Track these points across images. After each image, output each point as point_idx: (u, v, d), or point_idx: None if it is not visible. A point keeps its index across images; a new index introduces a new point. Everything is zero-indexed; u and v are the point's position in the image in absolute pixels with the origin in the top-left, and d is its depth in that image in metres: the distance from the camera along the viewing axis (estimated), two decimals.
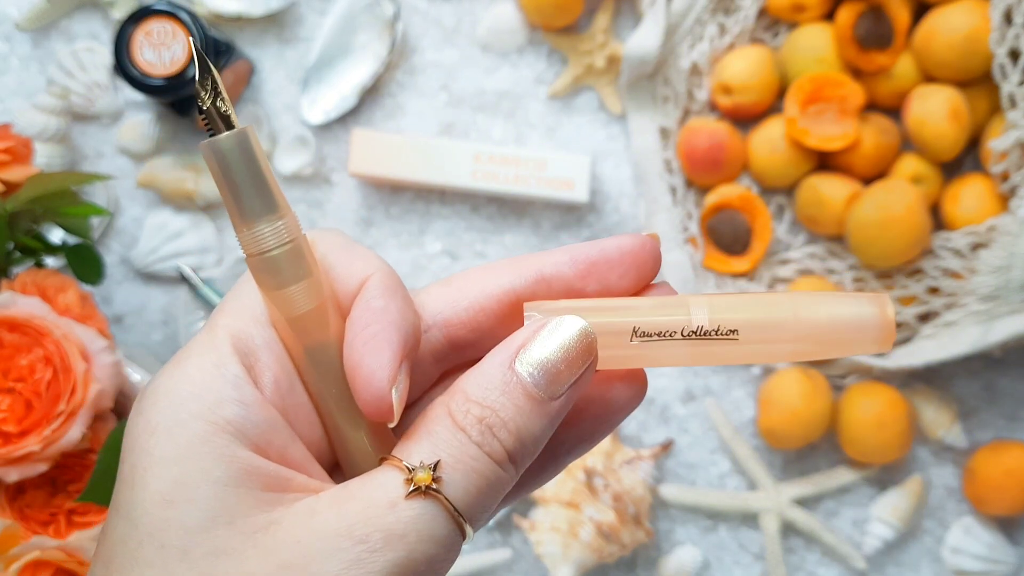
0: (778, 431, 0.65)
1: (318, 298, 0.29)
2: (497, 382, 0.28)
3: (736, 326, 0.29)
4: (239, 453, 0.27)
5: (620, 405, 0.31)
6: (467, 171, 0.67)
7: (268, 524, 0.26)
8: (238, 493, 0.27)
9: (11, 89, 0.72)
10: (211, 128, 0.28)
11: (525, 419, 0.28)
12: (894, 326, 0.30)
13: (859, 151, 0.64)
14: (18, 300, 0.54)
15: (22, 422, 0.53)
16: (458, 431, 0.27)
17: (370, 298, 0.29)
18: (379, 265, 0.30)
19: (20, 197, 0.56)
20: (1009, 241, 0.60)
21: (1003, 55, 0.61)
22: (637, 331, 0.29)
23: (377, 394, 0.27)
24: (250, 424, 0.27)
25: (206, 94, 0.27)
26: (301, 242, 0.29)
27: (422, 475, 0.26)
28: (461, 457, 0.27)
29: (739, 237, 0.69)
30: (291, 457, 0.29)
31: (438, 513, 0.26)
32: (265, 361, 0.29)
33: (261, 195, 0.28)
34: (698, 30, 0.67)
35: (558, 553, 0.65)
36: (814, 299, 0.30)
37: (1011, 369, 0.68)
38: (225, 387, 0.28)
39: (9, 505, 0.55)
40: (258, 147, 0.28)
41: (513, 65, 0.70)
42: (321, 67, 0.70)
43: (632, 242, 0.31)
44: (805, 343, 0.30)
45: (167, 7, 0.63)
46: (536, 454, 0.28)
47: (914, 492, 0.67)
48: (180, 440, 0.27)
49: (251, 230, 0.28)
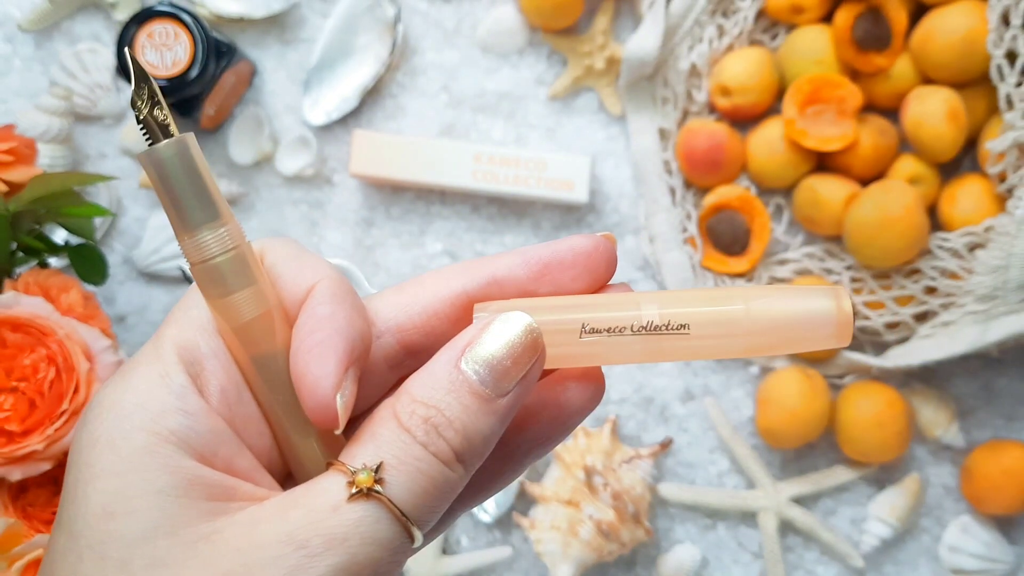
0: (776, 430, 0.65)
1: (263, 306, 0.28)
2: (443, 381, 0.27)
3: (686, 320, 0.29)
4: (183, 463, 0.27)
5: (577, 407, 0.31)
6: (467, 172, 0.67)
7: (210, 534, 0.26)
8: (181, 503, 0.26)
9: (14, 90, 0.72)
10: (149, 137, 0.28)
11: (472, 417, 0.27)
12: (852, 319, 0.29)
13: (857, 152, 0.65)
14: (21, 300, 0.54)
15: (25, 421, 0.53)
16: (403, 432, 0.27)
17: (316, 304, 0.28)
18: (327, 272, 0.29)
19: (23, 197, 0.56)
20: (1006, 241, 0.60)
21: (1000, 56, 0.61)
22: (586, 327, 0.29)
23: (322, 401, 0.27)
24: (195, 434, 0.27)
25: (142, 103, 0.27)
26: (244, 249, 0.28)
27: (363, 477, 0.26)
28: (405, 458, 0.27)
29: (738, 237, 0.70)
30: (238, 467, 0.28)
31: (381, 515, 0.26)
32: (211, 370, 0.29)
33: (202, 203, 0.28)
34: (697, 32, 0.68)
35: (558, 551, 0.65)
36: (767, 292, 0.29)
37: (1009, 369, 0.68)
38: (169, 397, 0.27)
39: (12, 504, 0.56)
40: (198, 155, 0.28)
41: (513, 66, 0.71)
42: (322, 68, 0.70)
43: (585, 243, 0.30)
44: (758, 337, 0.29)
45: (169, 9, 0.64)
46: (486, 454, 0.28)
47: (912, 491, 0.67)
48: (122, 452, 0.26)
49: (193, 238, 0.28)
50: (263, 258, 0.30)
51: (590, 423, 0.69)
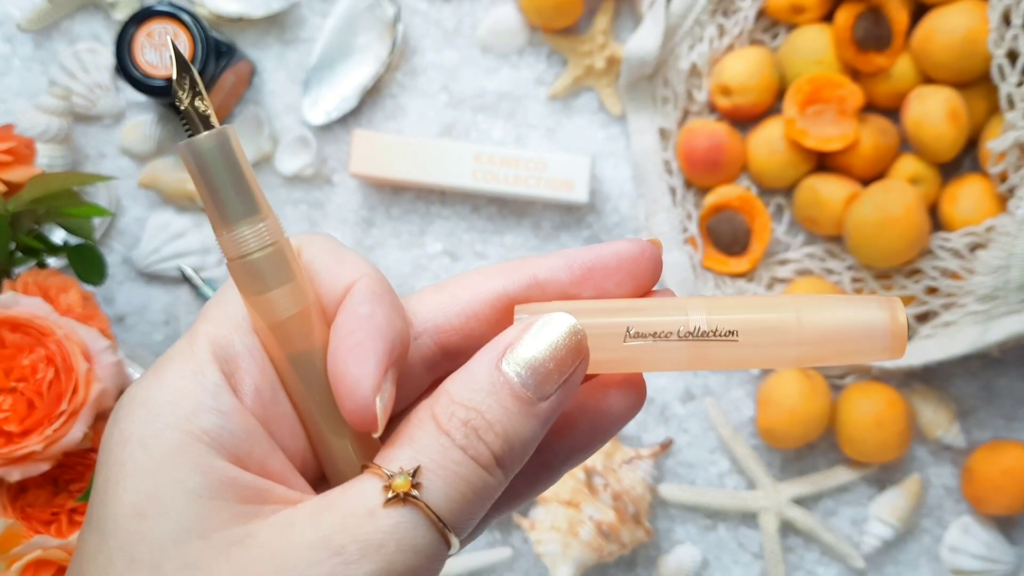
0: (777, 430, 0.65)
1: (301, 303, 0.28)
2: (483, 383, 0.27)
3: (735, 327, 0.28)
4: (216, 464, 0.26)
5: (617, 414, 0.30)
6: (467, 172, 0.67)
7: (243, 537, 0.25)
8: (214, 505, 0.26)
9: (13, 90, 0.72)
10: (190, 129, 0.27)
11: (513, 421, 0.27)
12: (906, 333, 0.28)
13: (858, 152, 0.65)
14: (20, 300, 0.54)
15: (24, 421, 0.53)
16: (441, 435, 0.26)
17: (356, 304, 0.28)
18: (367, 270, 0.29)
19: (22, 197, 0.56)
20: (1007, 241, 0.60)
21: (1001, 56, 0.61)
22: (631, 331, 0.28)
23: (361, 403, 0.26)
24: (228, 434, 0.27)
25: (184, 93, 0.27)
26: (283, 245, 0.28)
27: (400, 481, 0.25)
28: (444, 462, 0.26)
29: (738, 237, 0.70)
30: (271, 468, 0.28)
31: (419, 521, 0.25)
32: (246, 369, 0.28)
33: (242, 197, 0.27)
34: (697, 31, 0.68)
35: (558, 552, 0.65)
36: (819, 301, 0.29)
37: (1009, 369, 0.68)
38: (203, 396, 0.27)
39: (11, 504, 0.56)
40: (238, 147, 0.27)
41: (513, 66, 0.71)
42: (322, 68, 0.70)
43: (631, 248, 0.30)
44: (809, 347, 0.28)
45: (169, 8, 0.64)
46: (526, 458, 0.27)
47: (912, 491, 0.67)
48: (155, 451, 0.26)
49: (231, 233, 0.27)
50: (300, 254, 0.29)
51: None
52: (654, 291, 0.30)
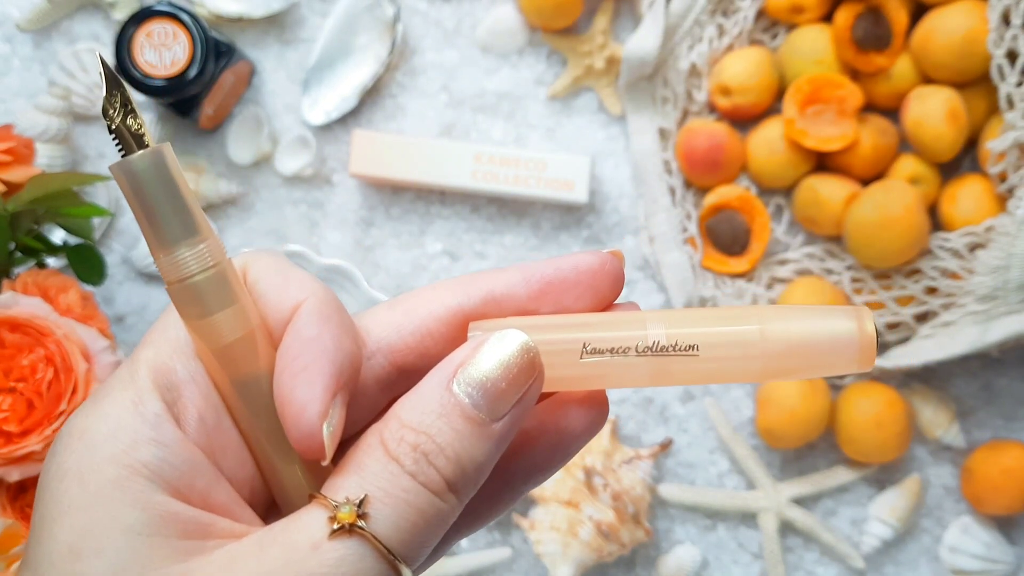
0: (777, 431, 0.65)
1: (245, 327, 0.27)
2: (433, 405, 0.26)
3: (696, 341, 0.27)
4: (155, 498, 0.25)
5: (578, 432, 0.29)
6: (467, 172, 0.67)
7: (183, 575, 0.24)
8: (152, 543, 0.24)
9: (13, 90, 0.72)
10: (123, 148, 0.26)
11: (465, 444, 0.25)
12: (875, 343, 0.27)
13: (857, 152, 0.65)
14: (20, 300, 0.54)
15: (23, 421, 0.53)
16: (390, 461, 0.25)
17: (302, 326, 0.27)
18: (314, 289, 0.28)
19: (22, 198, 0.56)
20: (1007, 241, 0.60)
21: (1001, 56, 0.61)
22: (587, 347, 0.27)
23: (307, 430, 0.25)
24: (168, 466, 0.25)
25: (115, 112, 0.26)
26: (225, 267, 0.27)
27: (346, 512, 0.24)
28: (392, 490, 0.25)
29: (738, 238, 0.70)
30: (215, 500, 0.26)
31: (366, 553, 0.24)
32: (189, 396, 0.27)
33: (180, 217, 0.26)
34: (697, 31, 0.68)
35: (558, 552, 0.65)
36: (783, 313, 0.28)
37: (1009, 369, 0.68)
38: (142, 427, 0.26)
39: (10, 504, 0.56)
40: (175, 166, 0.26)
41: (513, 66, 0.71)
42: (322, 68, 0.70)
43: (590, 260, 0.28)
44: (774, 361, 0.27)
45: (168, 8, 0.64)
46: (480, 481, 0.26)
47: (912, 491, 0.67)
48: (91, 486, 0.25)
49: (170, 255, 0.26)
50: (245, 274, 0.28)
51: None
52: (617, 304, 0.29)
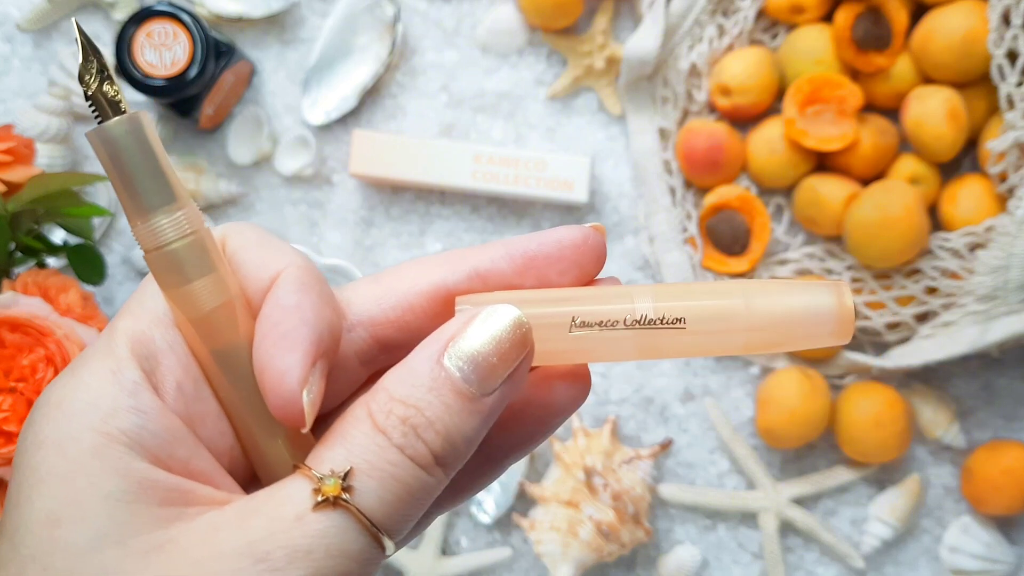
0: (777, 431, 0.65)
1: (224, 295, 0.27)
2: (424, 378, 0.25)
3: (682, 314, 0.27)
4: (134, 465, 0.25)
5: (561, 406, 0.29)
6: (467, 172, 0.67)
7: (164, 543, 0.24)
8: (132, 509, 0.24)
9: (13, 90, 0.72)
10: (99, 115, 0.26)
11: (455, 418, 0.25)
12: (853, 316, 0.28)
13: (857, 152, 0.65)
14: (20, 300, 0.54)
15: (24, 421, 0.53)
16: (377, 433, 0.25)
17: (281, 294, 0.27)
18: (294, 259, 0.28)
19: (22, 198, 0.56)
20: (1007, 241, 0.60)
21: (1001, 56, 0.61)
22: (576, 321, 0.27)
23: (287, 397, 0.25)
24: (148, 434, 0.25)
25: (91, 78, 0.25)
26: (203, 235, 0.27)
27: (330, 484, 0.24)
28: (378, 463, 0.25)
29: (738, 237, 0.70)
30: (196, 468, 0.26)
31: (349, 526, 0.24)
32: (167, 365, 0.27)
33: (157, 185, 0.26)
34: (697, 31, 0.68)
35: (558, 552, 0.65)
36: (766, 287, 0.28)
37: (1009, 369, 0.68)
38: (121, 395, 0.25)
39: None
40: (152, 133, 0.26)
41: (513, 66, 0.71)
42: (322, 68, 0.70)
43: (573, 235, 0.28)
44: (757, 333, 0.28)
45: (168, 8, 0.64)
46: (467, 456, 0.26)
47: (912, 491, 0.67)
48: (70, 454, 0.25)
49: (147, 223, 0.26)
50: (224, 245, 0.28)
51: (590, 423, 0.69)
52: (598, 279, 0.30)
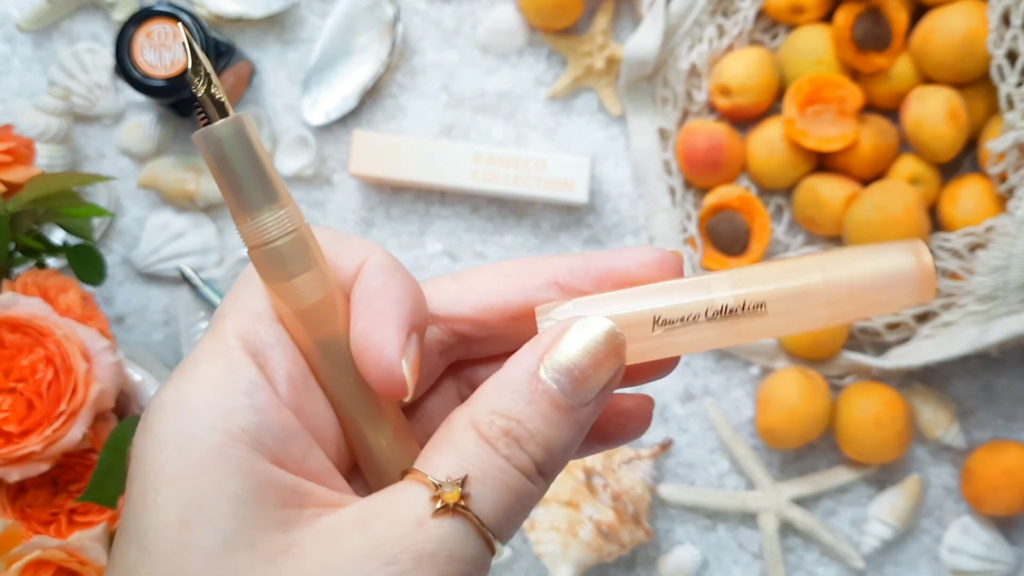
0: (777, 431, 0.65)
1: (325, 288, 0.28)
2: (523, 391, 0.26)
3: (763, 300, 0.28)
4: (257, 466, 0.25)
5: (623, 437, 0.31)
6: (467, 172, 0.67)
7: (289, 546, 0.25)
8: (256, 511, 0.25)
9: (13, 90, 0.72)
10: (205, 117, 0.26)
11: (553, 430, 0.26)
12: (935, 274, 0.28)
13: (857, 152, 0.65)
14: (20, 300, 0.54)
15: (23, 422, 0.53)
16: (484, 443, 0.26)
17: (369, 279, 0.28)
18: (374, 249, 0.29)
19: (22, 198, 0.56)
20: (1007, 242, 0.60)
21: (1001, 56, 0.61)
22: (658, 320, 0.27)
23: (387, 367, 0.26)
24: (267, 432, 0.26)
25: (200, 80, 0.26)
26: (304, 232, 0.27)
27: (450, 492, 0.25)
28: (489, 471, 0.26)
29: (738, 238, 0.70)
30: (309, 467, 0.27)
31: (468, 531, 0.25)
32: (277, 359, 0.27)
33: (261, 184, 0.27)
34: (697, 32, 0.68)
35: (557, 552, 0.65)
36: (843, 257, 0.28)
37: (1009, 369, 0.68)
38: (239, 394, 0.26)
39: (10, 505, 0.56)
40: (254, 134, 0.27)
41: (513, 66, 0.71)
42: (322, 68, 0.70)
43: (652, 256, 0.29)
44: (840, 305, 0.28)
45: (168, 9, 0.64)
46: (566, 464, 0.27)
47: (912, 492, 0.67)
48: (193, 455, 0.25)
49: (253, 220, 0.27)
50: None
51: None
52: None
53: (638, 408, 0.31)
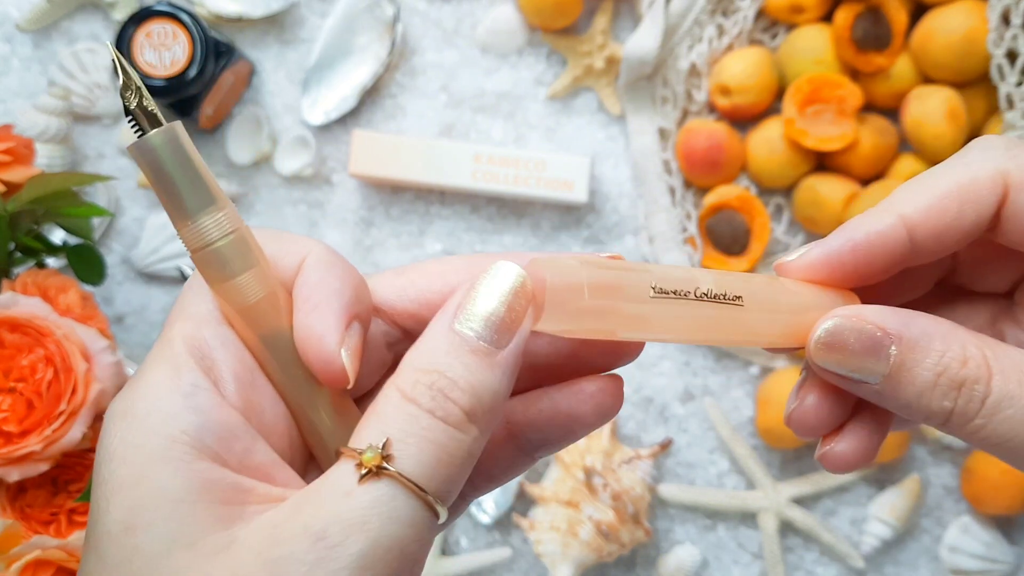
0: (776, 430, 0.65)
1: (267, 286, 0.28)
2: (441, 346, 0.27)
3: (739, 293, 0.30)
4: (196, 465, 0.26)
5: (591, 420, 0.31)
6: (467, 172, 0.67)
7: (229, 543, 0.25)
8: (196, 511, 0.25)
9: (12, 90, 0.72)
10: (138, 128, 0.27)
11: (476, 375, 0.27)
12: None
13: (857, 152, 0.65)
14: (19, 300, 0.54)
15: (23, 422, 0.53)
16: (407, 403, 0.26)
17: (309, 273, 0.29)
18: (313, 244, 0.30)
19: (21, 198, 0.56)
20: None
21: (1001, 56, 0.61)
22: (655, 287, 0.29)
23: (327, 358, 0.27)
24: (207, 432, 0.26)
25: (131, 93, 0.27)
26: (244, 232, 0.28)
27: (370, 456, 0.25)
28: (412, 429, 0.26)
29: (738, 237, 0.70)
30: (253, 461, 0.27)
31: (397, 492, 0.25)
32: (222, 359, 0.28)
33: (198, 189, 0.28)
34: (697, 31, 0.68)
35: (557, 552, 0.65)
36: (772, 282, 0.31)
37: None
38: (178, 396, 0.27)
39: (10, 504, 0.56)
40: (188, 142, 0.28)
41: (512, 66, 0.71)
42: (321, 68, 0.70)
43: None
44: (796, 315, 0.31)
45: (168, 8, 0.64)
46: (497, 411, 0.27)
47: (912, 491, 0.67)
48: (137, 461, 0.26)
49: (193, 225, 0.28)
50: None
51: None
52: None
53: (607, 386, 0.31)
